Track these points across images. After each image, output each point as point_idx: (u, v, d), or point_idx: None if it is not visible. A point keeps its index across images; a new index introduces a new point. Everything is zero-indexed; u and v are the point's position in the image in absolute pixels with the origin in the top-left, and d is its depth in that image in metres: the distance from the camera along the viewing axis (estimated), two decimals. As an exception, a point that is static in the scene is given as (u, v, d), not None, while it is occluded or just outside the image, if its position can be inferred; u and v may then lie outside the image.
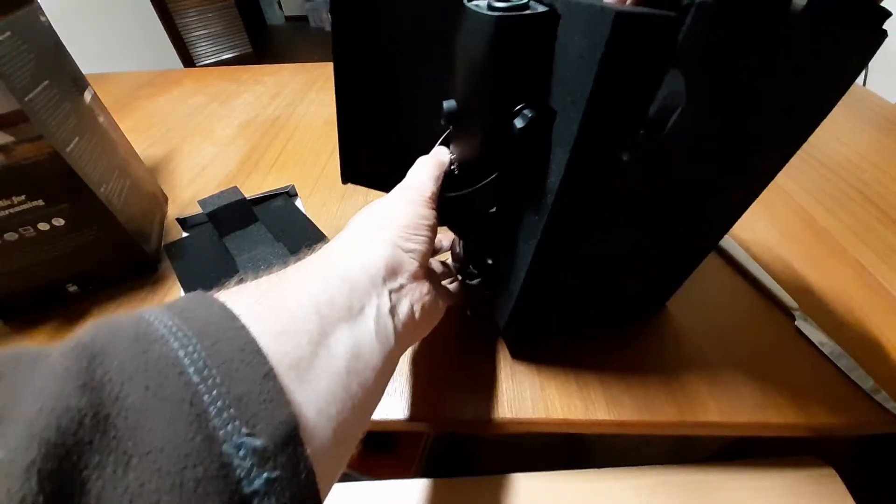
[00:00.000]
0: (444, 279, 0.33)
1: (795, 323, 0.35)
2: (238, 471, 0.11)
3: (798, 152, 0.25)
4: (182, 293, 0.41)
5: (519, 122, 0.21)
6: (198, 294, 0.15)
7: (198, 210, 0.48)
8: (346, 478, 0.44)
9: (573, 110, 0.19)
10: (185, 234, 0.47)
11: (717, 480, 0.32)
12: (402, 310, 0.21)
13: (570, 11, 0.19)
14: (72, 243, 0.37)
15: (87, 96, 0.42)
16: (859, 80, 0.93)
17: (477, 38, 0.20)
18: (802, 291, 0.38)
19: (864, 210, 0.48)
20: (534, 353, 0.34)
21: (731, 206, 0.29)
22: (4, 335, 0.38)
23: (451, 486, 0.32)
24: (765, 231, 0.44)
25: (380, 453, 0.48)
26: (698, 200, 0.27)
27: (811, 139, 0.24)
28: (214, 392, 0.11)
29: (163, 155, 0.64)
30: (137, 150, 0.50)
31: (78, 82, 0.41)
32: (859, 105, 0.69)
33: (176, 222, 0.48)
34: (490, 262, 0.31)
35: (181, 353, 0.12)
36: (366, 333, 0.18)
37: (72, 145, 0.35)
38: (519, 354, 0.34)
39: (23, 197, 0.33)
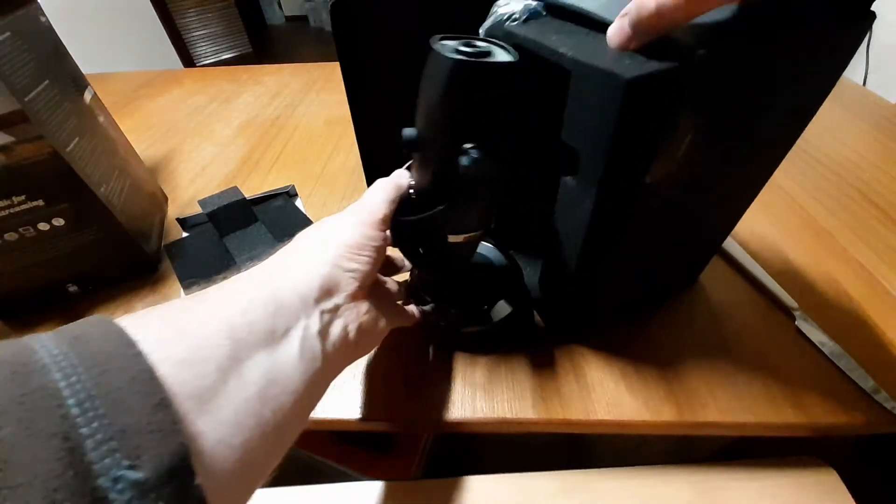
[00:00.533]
0: (398, 299, 0.33)
1: (795, 323, 0.35)
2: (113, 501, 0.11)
3: (798, 152, 0.26)
4: (182, 293, 0.41)
5: (464, 161, 0.22)
6: (97, 318, 0.14)
7: (198, 210, 0.48)
8: (346, 478, 0.45)
9: (597, 151, 0.22)
10: (185, 234, 0.47)
11: (717, 480, 0.32)
12: (335, 331, 0.21)
13: (581, 73, 0.21)
14: (72, 243, 0.37)
15: (87, 96, 0.42)
16: (859, 79, 0.93)
17: (436, 77, 0.21)
18: (802, 291, 0.38)
19: (864, 210, 0.48)
20: (571, 339, 0.36)
21: (741, 198, 0.33)
22: (4, 335, 0.38)
23: (451, 486, 0.32)
24: (765, 231, 0.44)
25: (380, 453, 0.48)
26: (710, 200, 0.31)
27: (811, 139, 0.25)
28: (95, 424, 0.11)
29: (163, 155, 0.64)
30: (137, 150, 0.50)
31: (78, 82, 0.41)
32: (859, 105, 0.69)
33: (176, 222, 0.48)
34: (438, 287, 0.33)
35: (62, 383, 0.11)
36: (287, 357, 0.18)
37: (72, 145, 0.35)
38: (561, 341, 0.36)
39: (23, 197, 0.33)
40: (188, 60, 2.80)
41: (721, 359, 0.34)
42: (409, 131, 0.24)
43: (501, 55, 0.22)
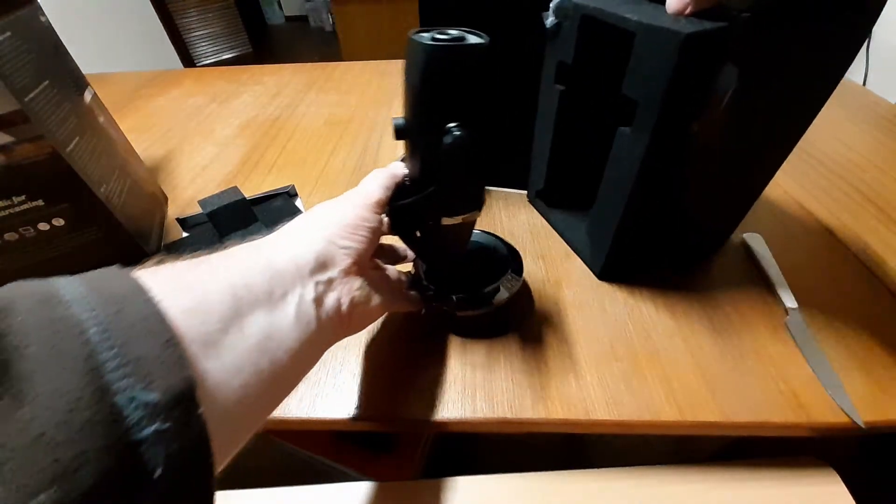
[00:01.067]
0: (400, 286, 0.34)
1: (785, 321, 0.36)
2: (128, 419, 0.12)
3: (799, 153, 0.27)
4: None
5: (447, 140, 0.23)
6: (114, 268, 0.16)
7: (198, 210, 0.48)
8: (346, 478, 0.45)
9: (653, 101, 0.27)
10: (185, 234, 0.47)
11: (717, 480, 0.32)
12: (329, 301, 0.23)
13: (645, 33, 0.26)
14: (72, 243, 0.37)
15: (87, 96, 0.42)
16: (859, 79, 0.93)
17: (415, 63, 0.23)
18: (802, 291, 0.38)
19: (864, 210, 0.48)
20: (621, 277, 0.40)
21: (771, 158, 0.38)
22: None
23: (451, 486, 0.32)
24: (765, 231, 0.44)
25: (380, 453, 0.48)
26: (745, 156, 0.35)
27: (812, 139, 0.25)
28: (113, 351, 0.12)
29: (163, 155, 0.64)
30: (137, 150, 0.50)
31: (78, 82, 0.41)
32: (859, 105, 0.69)
33: (176, 222, 0.48)
34: (438, 273, 0.35)
35: (84, 316, 0.13)
36: (283, 318, 0.20)
37: (72, 145, 0.35)
38: (609, 279, 0.40)
39: (23, 197, 0.33)
40: (188, 60, 2.80)
41: (721, 359, 0.34)
42: (398, 120, 0.26)
43: (473, 39, 0.23)
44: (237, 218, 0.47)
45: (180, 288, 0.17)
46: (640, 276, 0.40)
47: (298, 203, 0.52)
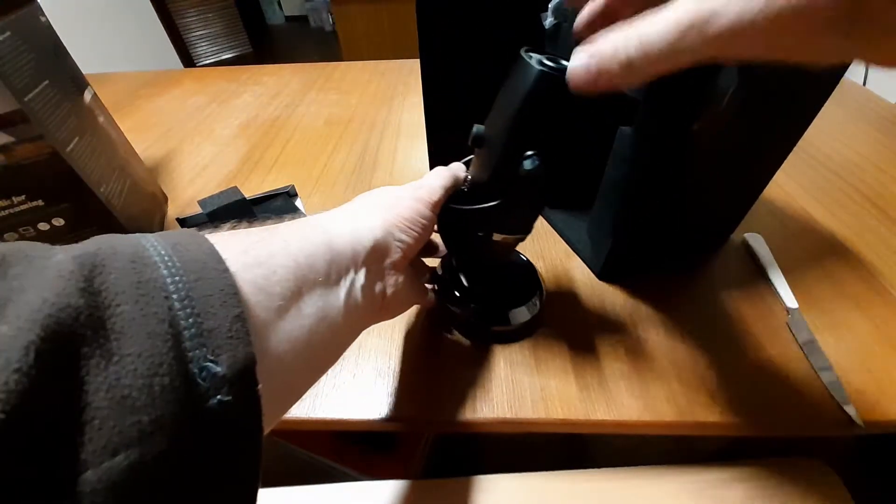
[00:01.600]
0: (424, 280, 0.35)
1: (786, 321, 0.36)
2: (198, 388, 0.12)
3: (799, 153, 0.27)
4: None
5: (527, 165, 0.24)
6: (192, 232, 0.16)
7: (198, 210, 0.48)
8: (346, 478, 0.45)
9: (654, 100, 0.27)
10: (185, 234, 0.47)
11: (717, 480, 0.32)
12: (375, 290, 0.24)
13: None
14: (72, 243, 0.37)
15: (87, 96, 0.42)
16: (859, 79, 0.93)
17: (519, 83, 0.23)
18: (802, 291, 0.38)
19: (864, 210, 0.48)
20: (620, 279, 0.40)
21: (773, 158, 0.38)
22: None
23: (451, 486, 0.32)
24: (765, 231, 0.44)
25: (380, 453, 0.48)
26: (744, 156, 0.35)
27: (812, 140, 0.25)
28: (190, 320, 0.13)
29: (163, 155, 0.64)
30: (137, 150, 0.50)
31: (78, 82, 0.41)
32: (859, 105, 0.69)
33: (176, 222, 0.48)
34: (467, 284, 0.36)
35: (168, 280, 0.13)
36: (335, 300, 0.20)
37: (72, 145, 0.35)
38: (609, 280, 0.40)
39: (23, 197, 0.33)
40: (188, 60, 2.80)
41: (721, 359, 0.34)
42: (478, 128, 0.26)
43: None
44: (237, 218, 0.47)
45: (252, 263, 0.17)
46: (640, 276, 0.40)
47: (298, 203, 0.52)
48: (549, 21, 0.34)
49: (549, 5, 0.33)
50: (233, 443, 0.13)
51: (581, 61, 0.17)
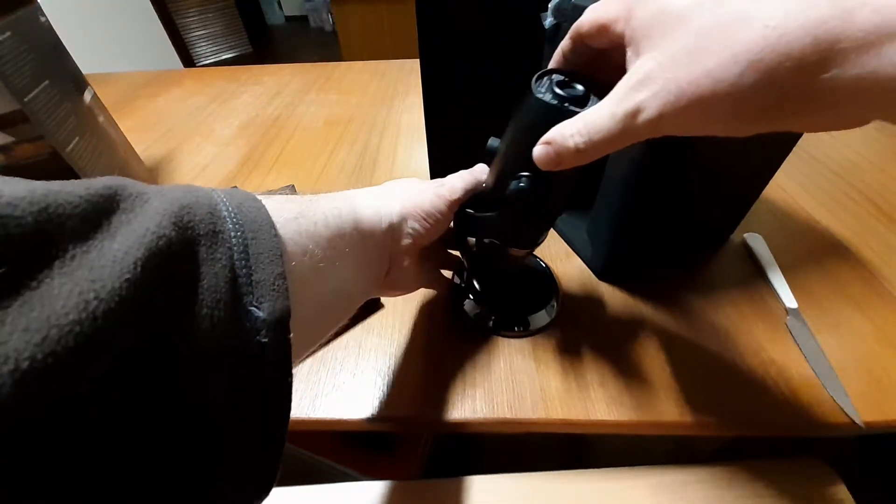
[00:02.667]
0: (446, 267, 0.37)
1: (786, 321, 0.36)
2: (246, 324, 0.15)
3: (799, 153, 0.27)
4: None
5: (513, 185, 0.25)
6: (251, 196, 0.19)
7: (198, 210, 0.48)
8: (346, 478, 0.45)
9: None
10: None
11: (717, 480, 0.32)
12: (381, 268, 0.27)
13: None
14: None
15: (87, 96, 0.42)
16: (859, 80, 0.93)
17: (522, 109, 0.24)
18: (802, 291, 0.38)
19: (864, 210, 0.48)
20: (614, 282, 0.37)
21: (772, 158, 0.38)
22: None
23: (451, 486, 0.32)
24: (765, 231, 0.44)
25: (380, 453, 0.48)
26: (748, 153, 0.36)
27: (812, 140, 0.25)
28: (244, 270, 0.16)
29: (163, 155, 0.64)
30: (137, 150, 0.50)
31: (78, 82, 0.41)
32: (859, 105, 0.69)
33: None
34: (479, 288, 0.38)
35: (232, 233, 0.16)
36: (353, 270, 0.24)
37: (72, 145, 0.35)
38: (608, 280, 0.41)
39: (23, 197, 0.33)
40: (188, 60, 2.80)
41: (721, 359, 0.34)
42: (493, 141, 0.27)
43: (594, 97, 0.23)
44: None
45: (296, 232, 0.20)
46: (640, 276, 0.40)
47: (298, 203, 0.52)
48: (549, 21, 0.34)
49: (549, 5, 0.33)
50: (268, 381, 0.16)
51: (543, 150, 0.21)
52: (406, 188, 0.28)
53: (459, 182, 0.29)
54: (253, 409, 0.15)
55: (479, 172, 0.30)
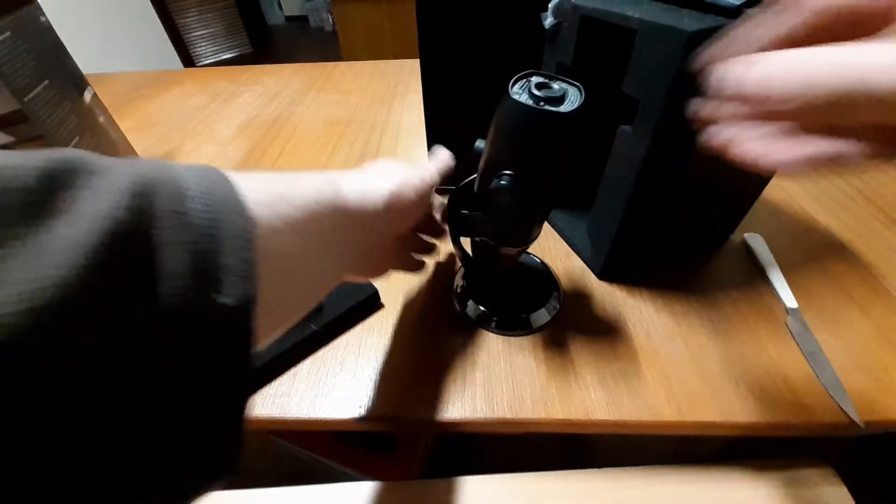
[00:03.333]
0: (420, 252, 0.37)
1: (786, 321, 0.36)
2: (210, 311, 0.15)
3: None
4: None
5: (494, 183, 0.25)
6: (225, 175, 0.18)
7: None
8: (346, 478, 0.45)
9: (655, 99, 0.27)
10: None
11: (717, 480, 0.32)
12: (362, 250, 0.27)
13: (647, 30, 0.26)
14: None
15: (87, 96, 0.42)
16: (859, 80, 0.93)
17: (506, 112, 0.24)
18: (802, 291, 0.38)
19: (864, 210, 0.48)
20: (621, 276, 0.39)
21: None
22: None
23: (451, 486, 0.32)
24: (765, 231, 0.44)
25: (380, 453, 0.48)
26: None
27: None
28: (210, 254, 0.15)
29: (163, 155, 0.64)
30: (137, 150, 0.50)
31: (78, 82, 0.41)
32: (859, 105, 0.69)
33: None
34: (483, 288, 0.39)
35: (200, 215, 0.15)
36: (328, 260, 0.23)
37: (72, 145, 0.35)
38: (609, 279, 0.41)
39: (23, 197, 0.33)
40: (188, 60, 2.80)
41: (721, 359, 0.34)
42: (480, 143, 0.28)
43: (572, 96, 0.24)
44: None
45: (270, 215, 0.19)
46: (641, 276, 0.40)
47: (298, 203, 0.52)
48: (549, 21, 0.34)
49: (549, 5, 0.33)
50: (230, 369, 0.15)
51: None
52: (390, 170, 0.28)
53: (433, 165, 0.31)
54: (216, 395, 0.15)
55: (450, 157, 0.32)
